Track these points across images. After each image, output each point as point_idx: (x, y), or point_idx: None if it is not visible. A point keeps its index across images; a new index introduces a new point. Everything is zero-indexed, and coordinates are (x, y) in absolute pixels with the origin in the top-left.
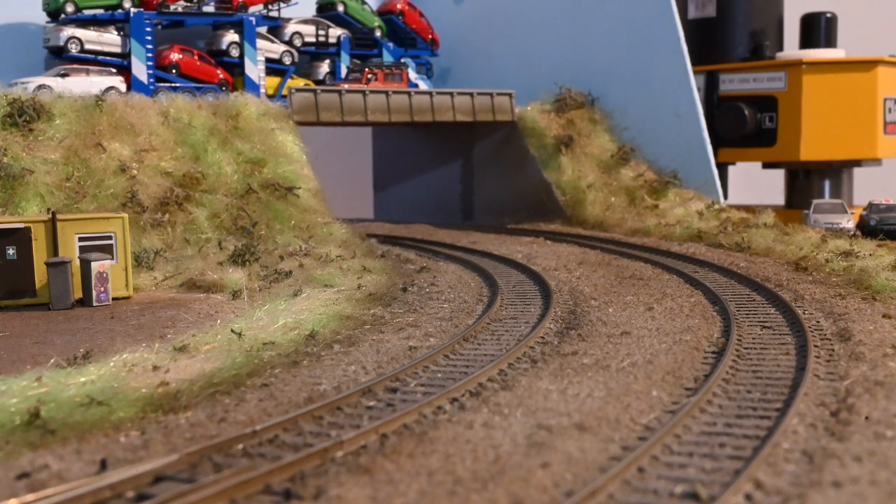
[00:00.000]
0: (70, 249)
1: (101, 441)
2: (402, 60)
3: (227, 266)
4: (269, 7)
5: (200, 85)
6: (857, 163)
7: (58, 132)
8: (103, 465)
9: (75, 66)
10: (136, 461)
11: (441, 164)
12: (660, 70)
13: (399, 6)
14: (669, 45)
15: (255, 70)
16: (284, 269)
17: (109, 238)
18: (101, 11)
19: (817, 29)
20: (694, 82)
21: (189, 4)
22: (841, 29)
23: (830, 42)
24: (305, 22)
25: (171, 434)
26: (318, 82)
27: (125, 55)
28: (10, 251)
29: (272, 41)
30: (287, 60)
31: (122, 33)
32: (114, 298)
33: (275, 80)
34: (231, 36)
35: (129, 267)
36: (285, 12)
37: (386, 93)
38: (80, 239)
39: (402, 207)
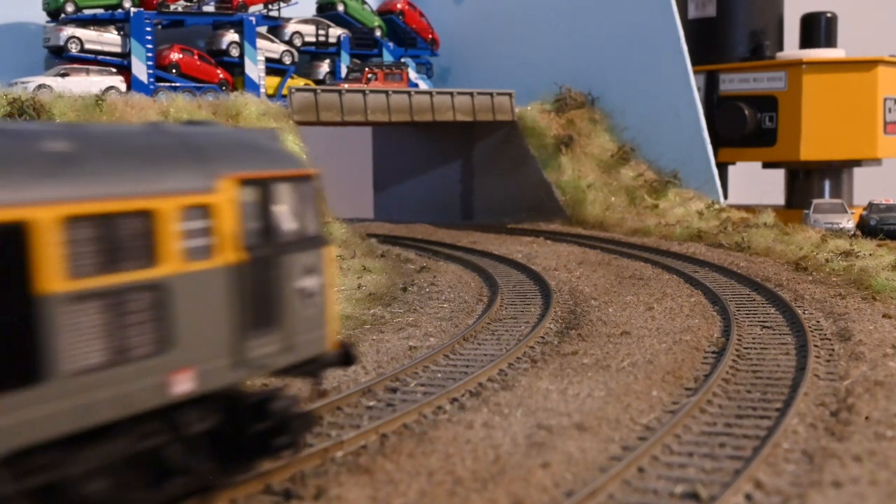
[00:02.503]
0: None
1: None
2: (402, 60)
3: None
4: (269, 7)
5: (200, 85)
6: (857, 163)
7: None
8: None
9: (75, 65)
10: None
11: (441, 164)
12: (660, 70)
13: (399, 6)
14: (669, 45)
15: (255, 70)
16: None
17: None
18: (101, 11)
19: (817, 29)
20: (694, 82)
21: (189, 4)
22: (841, 29)
23: (830, 42)
24: (305, 22)
25: None
26: (318, 82)
27: (125, 55)
28: None
29: (272, 41)
30: (287, 60)
31: (122, 33)
32: None
33: (275, 80)
34: (231, 36)
35: None
36: (285, 12)
37: (386, 92)
38: None
39: (402, 207)
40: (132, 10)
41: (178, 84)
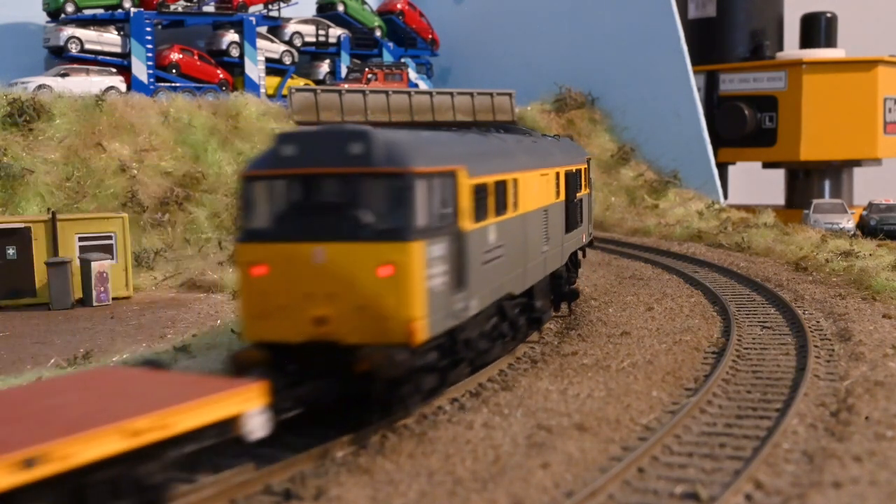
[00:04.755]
0: (70, 249)
1: None
2: (402, 60)
3: (227, 266)
4: (269, 7)
5: (200, 85)
6: (857, 163)
7: (58, 132)
8: None
9: (75, 65)
10: None
11: None
12: (660, 70)
13: (399, 6)
14: (669, 45)
15: (255, 70)
16: None
17: (109, 238)
18: (101, 11)
19: (817, 29)
20: (694, 82)
21: (189, 4)
22: (841, 29)
23: (830, 42)
24: (305, 22)
25: None
26: (318, 82)
27: (125, 55)
28: (11, 251)
29: (272, 41)
30: (287, 60)
31: (122, 33)
32: (114, 298)
33: (275, 80)
34: (231, 36)
35: (129, 267)
36: (285, 12)
37: (386, 93)
38: (80, 239)
39: None
40: (132, 10)
41: (178, 84)
